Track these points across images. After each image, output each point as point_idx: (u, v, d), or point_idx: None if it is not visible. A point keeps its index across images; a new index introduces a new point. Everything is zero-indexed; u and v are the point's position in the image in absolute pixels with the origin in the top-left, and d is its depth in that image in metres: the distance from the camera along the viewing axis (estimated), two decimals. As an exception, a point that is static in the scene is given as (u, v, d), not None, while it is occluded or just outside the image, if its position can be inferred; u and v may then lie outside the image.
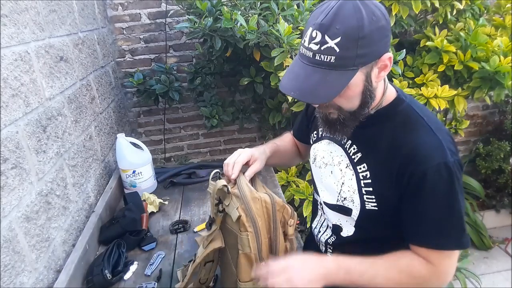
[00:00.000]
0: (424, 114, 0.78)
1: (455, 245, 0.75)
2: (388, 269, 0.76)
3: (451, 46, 1.67)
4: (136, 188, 1.55)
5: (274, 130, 2.32)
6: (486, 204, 2.67)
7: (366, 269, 0.76)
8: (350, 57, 0.67)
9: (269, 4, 1.48)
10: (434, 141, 0.74)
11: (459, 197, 0.73)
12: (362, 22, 0.65)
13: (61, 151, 1.16)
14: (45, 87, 1.10)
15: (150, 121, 2.30)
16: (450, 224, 0.74)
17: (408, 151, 0.74)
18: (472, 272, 2.02)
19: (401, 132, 0.77)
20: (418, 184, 0.73)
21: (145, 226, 1.30)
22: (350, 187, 0.85)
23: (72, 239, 1.18)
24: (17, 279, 0.85)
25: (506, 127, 2.56)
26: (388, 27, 0.69)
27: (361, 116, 0.79)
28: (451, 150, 0.73)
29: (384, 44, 0.70)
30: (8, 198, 0.84)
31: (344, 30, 0.65)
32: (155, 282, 1.07)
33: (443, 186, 0.72)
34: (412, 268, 0.76)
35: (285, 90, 0.73)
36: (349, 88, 0.70)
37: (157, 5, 2.05)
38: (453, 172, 0.72)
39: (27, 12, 1.03)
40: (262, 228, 0.81)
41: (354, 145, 0.85)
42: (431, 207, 0.74)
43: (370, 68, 0.71)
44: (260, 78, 1.86)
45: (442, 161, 0.71)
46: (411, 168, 0.73)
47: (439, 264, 0.75)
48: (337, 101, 0.76)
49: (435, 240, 0.75)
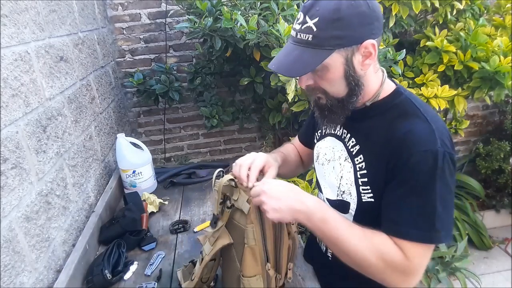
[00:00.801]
0: (421, 107, 0.78)
1: (426, 238, 0.71)
2: (362, 238, 0.74)
3: (451, 46, 1.67)
4: (136, 188, 1.55)
5: (274, 130, 2.32)
6: (486, 204, 2.67)
7: (341, 228, 0.74)
8: (325, 37, 0.71)
9: (269, 4, 1.48)
10: (426, 129, 0.73)
11: (438, 189, 0.70)
12: (340, 5, 0.69)
13: (61, 151, 1.16)
14: (45, 87, 1.10)
15: (150, 121, 2.30)
16: (423, 214, 0.71)
17: (400, 137, 0.74)
18: (472, 272, 2.02)
19: (397, 123, 0.77)
20: (401, 169, 0.72)
21: (145, 226, 1.30)
22: (348, 179, 0.86)
23: (72, 239, 1.18)
24: (17, 279, 0.85)
25: (506, 127, 2.56)
26: (373, 15, 0.72)
27: (350, 105, 0.80)
28: (443, 141, 0.72)
29: (367, 31, 0.72)
30: (8, 198, 0.84)
31: (322, 12, 0.70)
32: (155, 282, 1.07)
33: (424, 173, 0.70)
34: (384, 247, 0.72)
35: (270, 65, 0.79)
36: (328, 70, 0.74)
37: (157, 5, 2.05)
38: (438, 161, 0.70)
39: (27, 12, 1.03)
40: (268, 222, 0.81)
41: (353, 138, 0.86)
42: (408, 193, 0.72)
43: (350, 52, 0.73)
44: (260, 78, 1.86)
45: (430, 148, 0.70)
46: (399, 153, 0.73)
47: (411, 258, 0.71)
48: (321, 84, 0.79)
49: (405, 229, 0.72)
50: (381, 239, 0.73)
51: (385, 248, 0.72)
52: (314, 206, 0.76)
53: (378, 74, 0.82)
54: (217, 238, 0.86)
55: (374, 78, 0.81)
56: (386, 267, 0.72)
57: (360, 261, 0.73)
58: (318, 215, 0.75)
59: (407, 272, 0.72)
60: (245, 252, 0.81)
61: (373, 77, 0.80)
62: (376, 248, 0.72)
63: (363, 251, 0.73)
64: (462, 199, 2.46)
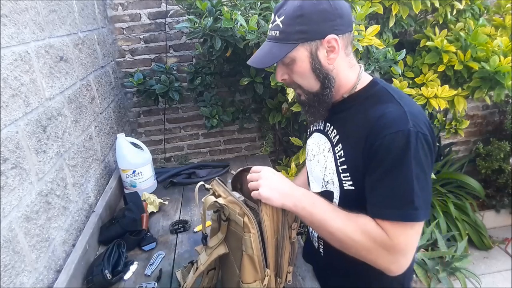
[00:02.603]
0: (396, 94, 0.82)
1: (402, 216, 0.72)
2: (347, 219, 0.77)
3: (451, 46, 1.67)
4: (136, 188, 1.55)
5: (274, 130, 2.32)
6: (486, 204, 2.67)
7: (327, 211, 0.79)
8: (290, 32, 0.79)
9: (269, 4, 1.48)
10: (398, 111, 0.76)
11: (413, 167, 0.71)
12: (302, 4, 0.77)
13: (61, 151, 1.16)
14: (45, 87, 1.10)
15: (150, 121, 2.30)
16: (398, 193, 0.73)
17: (374, 122, 0.77)
18: (472, 272, 2.02)
19: (371, 110, 0.80)
20: (375, 151, 0.75)
21: (145, 226, 1.30)
22: (330, 169, 0.89)
23: (72, 239, 1.18)
24: (17, 279, 0.85)
25: (506, 127, 2.56)
26: (335, 12, 0.78)
27: (325, 97, 0.85)
28: (416, 122, 0.73)
29: (329, 27, 0.78)
30: (8, 198, 0.84)
31: (287, 10, 0.79)
32: (155, 282, 1.07)
33: (397, 154, 0.72)
34: (368, 227, 0.75)
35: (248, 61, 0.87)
36: (295, 63, 0.82)
37: (157, 5, 2.04)
38: (410, 141, 0.71)
39: (27, 12, 1.03)
40: (270, 228, 0.81)
41: (335, 130, 0.90)
42: (382, 174, 0.74)
43: (315, 47, 0.80)
44: (260, 78, 1.86)
45: (401, 129, 0.72)
46: (373, 137, 0.75)
47: (393, 237, 0.72)
48: (294, 78, 0.86)
49: (382, 209, 0.74)
50: (364, 220, 0.76)
51: (369, 228, 0.75)
52: (303, 193, 0.82)
53: (354, 68, 0.87)
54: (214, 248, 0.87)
55: (350, 73, 0.86)
56: (372, 245, 0.74)
57: (347, 241, 0.77)
58: (306, 201, 0.80)
59: (394, 251, 0.74)
60: (244, 260, 0.81)
61: (347, 71, 0.85)
62: (360, 228, 0.75)
63: (348, 231, 0.76)
64: (462, 199, 2.46)
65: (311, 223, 0.81)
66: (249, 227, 0.79)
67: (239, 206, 0.80)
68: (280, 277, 0.87)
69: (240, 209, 0.80)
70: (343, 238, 0.77)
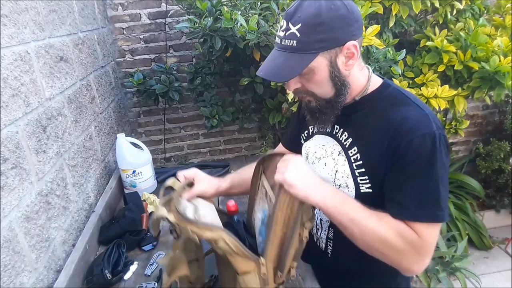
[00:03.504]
0: (410, 95, 0.83)
1: (431, 217, 0.75)
2: (379, 219, 0.76)
3: (451, 46, 1.67)
4: (136, 188, 1.55)
5: (274, 130, 2.32)
6: (486, 204, 2.67)
7: (359, 209, 0.77)
8: (309, 41, 0.74)
9: (269, 4, 1.48)
10: (420, 113, 0.77)
11: (438, 169, 0.74)
12: (320, 10, 0.72)
13: (61, 151, 1.16)
14: (45, 87, 1.10)
15: (150, 121, 2.30)
16: (427, 195, 0.74)
17: (397, 125, 0.77)
18: (472, 272, 2.02)
19: (389, 112, 0.80)
20: (402, 154, 0.75)
21: (145, 226, 1.30)
22: (343, 172, 0.87)
23: (72, 239, 1.18)
24: (17, 279, 0.85)
25: (506, 127, 2.56)
26: (352, 17, 0.75)
27: (339, 104, 0.83)
28: (437, 124, 0.75)
29: (348, 33, 0.75)
30: (8, 198, 0.84)
31: (303, 17, 0.73)
32: (155, 282, 1.07)
33: (425, 155, 0.73)
34: (401, 228, 0.75)
35: (258, 72, 0.81)
36: (314, 72, 0.77)
37: (157, 5, 2.04)
38: (436, 143, 0.73)
39: (27, 12, 1.03)
40: (280, 220, 0.79)
41: (345, 132, 0.88)
42: (410, 176, 0.75)
43: (334, 54, 0.76)
44: (260, 78, 1.86)
45: (427, 131, 0.73)
46: (398, 139, 0.75)
47: (423, 237, 0.74)
48: (308, 87, 0.82)
49: (411, 211, 0.75)
50: (395, 221, 0.76)
51: (402, 229, 0.75)
52: (333, 190, 0.79)
53: (363, 71, 0.86)
54: (172, 268, 0.84)
55: (360, 75, 0.85)
56: (403, 246, 0.74)
57: (377, 241, 0.75)
58: (337, 198, 0.77)
59: (422, 252, 0.75)
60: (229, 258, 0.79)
61: (358, 74, 0.84)
62: (393, 228, 0.75)
63: (380, 231, 0.75)
64: (462, 199, 2.46)
65: (339, 221, 0.78)
66: (215, 239, 0.76)
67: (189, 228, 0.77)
68: (281, 271, 0.86)
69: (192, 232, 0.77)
70: (374, 237, 0.75)
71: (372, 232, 0.75)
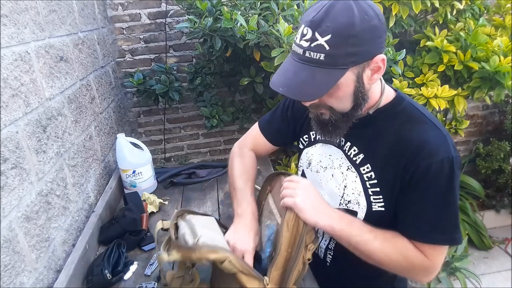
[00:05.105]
0: (425, 112, 0.80)
1: (449, 240, 0.76)
2: (385, 240, 0.77)
3: (451, 46, 1.67)
4: (136, 188, 1.55)
5: (274, 130, 2.31)
6: (486, 204, 2.67)
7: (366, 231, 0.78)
8: (339, 55, 0.65)
9: (269, 4, 1.48)
10: (440, 136, 0.75)
11: (456, 193, 0.74)
12: (353, 20, 0.63)
13: (61, 151, 1.16)
14: (45, 87, 1.10)
15: (150, 121, 2.30)
16: (446, 219, 0.75)
17: (415, 146, 0.74)
18: (472, 272, 2.02)
19: (406, 130, 0.77)
20: (420, 177, 0.74)
21: (145, 226, 1.30)
22: (354, 189, 0.84)
23: (72, 239, 1.18)
24: (17, 279, 0.85)
25: (506, 127, 2.56)
26: (382, 28, 0.68)
27: (354, 118, 0.79)
28: (454, 146, 0.75)
29: (377, 45, 0.68)
30: (8, 198, 0.84)
31: (334, 28, 0.64)
32: (155, 282, 1.07)
33: (443, 180, 0.73)
34: (407, 250, 0.76)
35: (274, 86, 0.72)
36: (339, 88, 0.70)
37: (157, 5, 2.04)
38: (454, 168, 0.73)
39: (27, 12, 1.03)
40: (286, 240, 0.78)
41: (354, 147, 0.84)
42: (429, 200, 0.74)
43: (361, 68, 0.70)
44: (260, 78, 1.86)
45: (446, 156, 0.72)
46: (417, 162, 0.74)
47: (432, 258, 0.75)
48: (327, 101, 0.75)
49: (430, 234, 0.75)
50: (402, 242, 0.77)
51: (408, 251, 0.76)
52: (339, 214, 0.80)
53: (377, 82, 0.81)
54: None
55: (376, 87, 0.80)
56: (410, 266, 0.76)
57: (385, 260, 0.77)
58: (343, 222, 0.78)
59: (430, 271, 0.77)
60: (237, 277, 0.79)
61: (376, 86, 0.80)
62: (399, 250, 0.76)
63: (387, 252, 0.76)
64: (462, 199, 2.46)
65: (347, 244, 0.79)
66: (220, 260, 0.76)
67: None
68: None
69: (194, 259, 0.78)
70: (382, 258, 0.77)
71: (379, 253, 0.76)
